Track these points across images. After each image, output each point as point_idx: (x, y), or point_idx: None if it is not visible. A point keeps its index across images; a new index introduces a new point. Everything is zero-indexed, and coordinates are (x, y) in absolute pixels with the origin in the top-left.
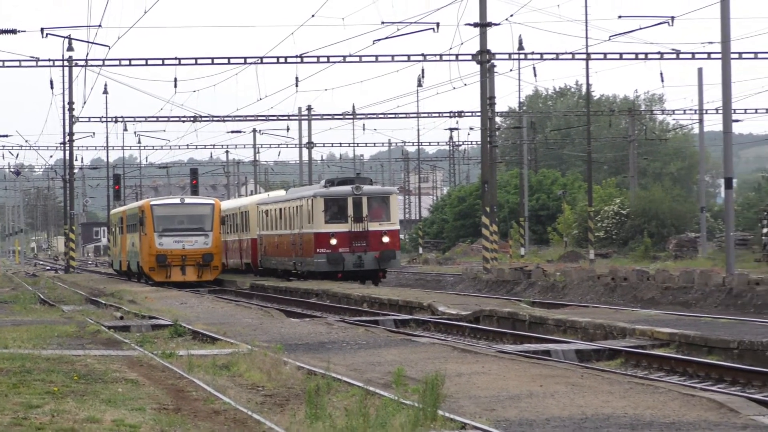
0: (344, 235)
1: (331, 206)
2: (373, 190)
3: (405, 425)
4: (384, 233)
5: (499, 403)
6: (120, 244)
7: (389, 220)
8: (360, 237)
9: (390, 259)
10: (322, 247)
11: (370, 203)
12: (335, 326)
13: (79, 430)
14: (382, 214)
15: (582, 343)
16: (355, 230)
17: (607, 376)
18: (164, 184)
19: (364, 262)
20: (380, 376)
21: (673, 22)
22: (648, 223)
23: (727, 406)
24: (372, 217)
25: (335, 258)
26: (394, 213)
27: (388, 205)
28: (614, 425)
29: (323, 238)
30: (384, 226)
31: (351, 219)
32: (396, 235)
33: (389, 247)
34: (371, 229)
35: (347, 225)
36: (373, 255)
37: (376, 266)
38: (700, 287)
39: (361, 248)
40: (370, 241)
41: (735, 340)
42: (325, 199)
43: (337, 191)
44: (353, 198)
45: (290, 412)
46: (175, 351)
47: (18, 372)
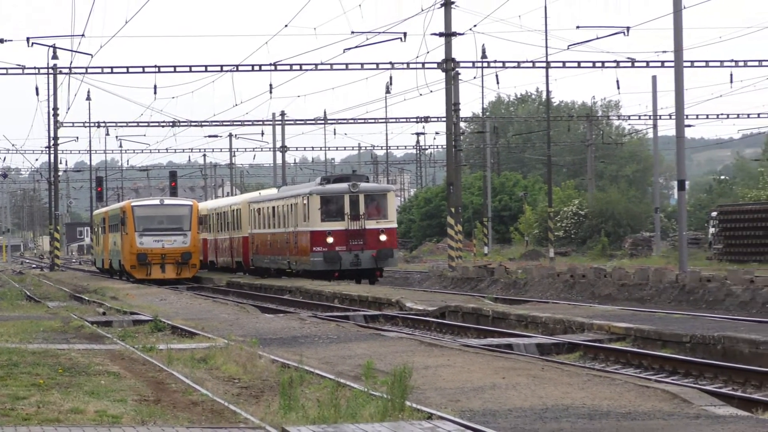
0: (341, 233)
1: (328, 204)
2: (370, 188)
3: (374, 415)
4: (381, 231)
5: (463, 395)
6: (102, 243)
7: (386, 218)
8: (357, 235)
9: (387, 257)
10: (318, 246)
11: (367, 201)
12: (308, 321)
13: (63, 421)
14: (379, 211)
15: (542, 337)
16: (352, 228)
17: (567, 368)
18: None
19: (361, 261)
20: (350, 368)
21: (628, 32)
22: (605, 223)
23: (680, 397)
24: (369, 215)
25: (332, 257)
26: (391, 211)
27: (386, 203)
28: (573, 415)
29: (319, 236)
30: (381, 224)
31: (348, 217)
32: (393, 234)
33: (387, 245)
34: (368, 227)
35: (344, 223)
36: (370, 254)
37: (374, 265)
38: (654, 284)
39: (358, 247)
40: (367, 239)
41: (687, 335)
42: (321, 197)
43: (333, 189)
44: (350, 195)
45: (265, 403)
46: (155, 345)
47: (5, 365)
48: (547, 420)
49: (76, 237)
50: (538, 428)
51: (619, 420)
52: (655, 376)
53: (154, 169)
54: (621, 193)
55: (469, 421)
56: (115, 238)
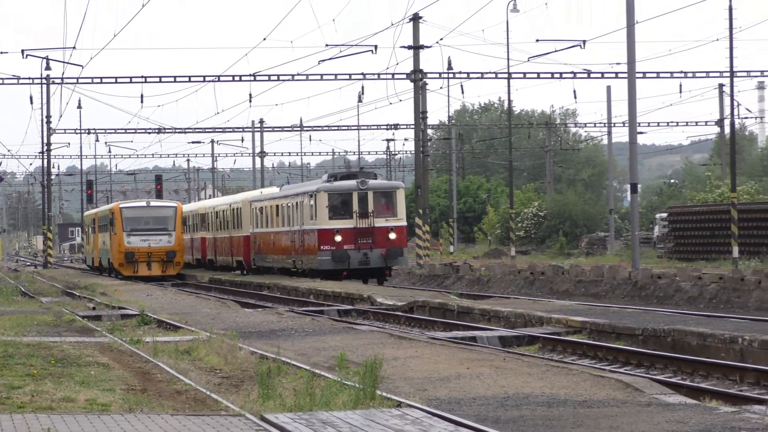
0: (349, 231)
1: (335, 201)
2: (379, 185)
3: (347, 403)
4: (391, 229)
5: (430, 384)
6: (92, 243)
7: (396, 215)
8: (366, 233)
9: (397, 256)
10: (326, 245)
11: (376, 198)
12: (285, 316)
13: (56, 409)
14: (389, 209)
15: (504, 330)
16: (361, 226)
17: (527, 359)
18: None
19: (370, 260)
20: (325, 360)
21: (584, 45)
22: (562, 224)
23: (633, 386)
24: (378, 212)
25: (340, 255)
26: (400, 208)
27: (395, 200)
28: (533, 403)
29: (327, 234)
30: (390, 222)
31: (356, 215)
32: (403, 232)
33: (396, 244)
34: (377, 226)
35: (352, 221)
36: (379, 252)
37: (383, 264)
38: (608, 280)
39: (367, 245)
40: (376, 237)
41: (640, 328)
42: (329, 194)
43: (341, 186)
44: (358, 193)
45: (245, 392)
46: (141, 338)
47: (1, 357)
48: (508, 408)
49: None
50: (500, 415)
51: (576, 408)
52: (609, 367)
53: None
54: (577, 196)
55: (436, 409)
56: (104, 237)
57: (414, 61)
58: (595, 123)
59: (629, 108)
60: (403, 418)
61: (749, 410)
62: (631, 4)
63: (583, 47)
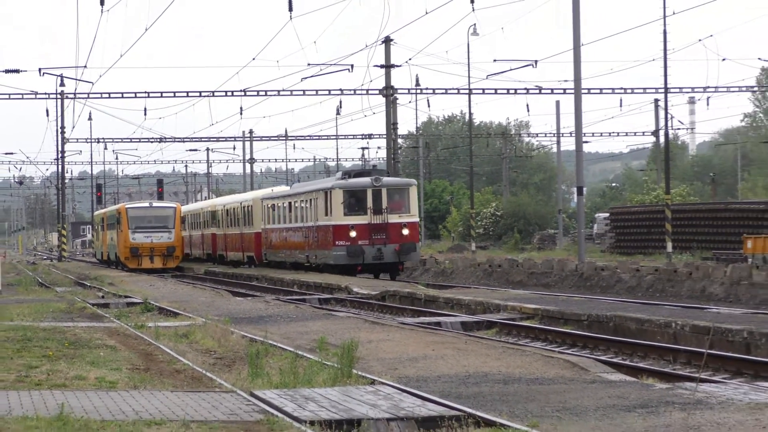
0: (364, 227)
1: (350, 198)
2: (393, 182)
3: (326, 381)
4: (404, 225)
5: (400, 364)
6: (102, 239)
7: (409, 212)
8: (380, 229)
9: (410, 251)
10: (341, 240)
11: (390, 195)
12: (271, 304)
13: (69, 386)
14: (402, 205)
15: (466, 316)
16: (375, 222)
17: (485, 342)
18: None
19: (383, 255)
20: (307, 342)
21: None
22: (517, 222)
23: (579, 366)
24: (391, 209)
25: (355, 250)
26: (413, 205)
27: (408, 197)
28: (491, 381)
29: (342, 230)
30: (404, 218)
31: (370, 211)
32: (416, 228)
33: (409, 239)
34: (391, 221)
35: (367, 217)
36: (393, 247)
37: (396, 259)
38: (558, 272)
39: (381, 240)
40: (389, 233)
41: (585, 314)
42: (344, 191)
43: (356, 183)
44: (372, 190)
45: (236, 371)
46: (145, 323)
47: (21, 340)
48: (469, 384)
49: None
50: (461, 392)
51: (529, 384)
52: (558, 348)
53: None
54: (530, 198)
55: (405, 386)
56: (112, 234)
57: (386, 79)
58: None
59: (575, 120)
60: (376, 394)
61: (681, 387)
62: (577, 28)
63: (535, 66)
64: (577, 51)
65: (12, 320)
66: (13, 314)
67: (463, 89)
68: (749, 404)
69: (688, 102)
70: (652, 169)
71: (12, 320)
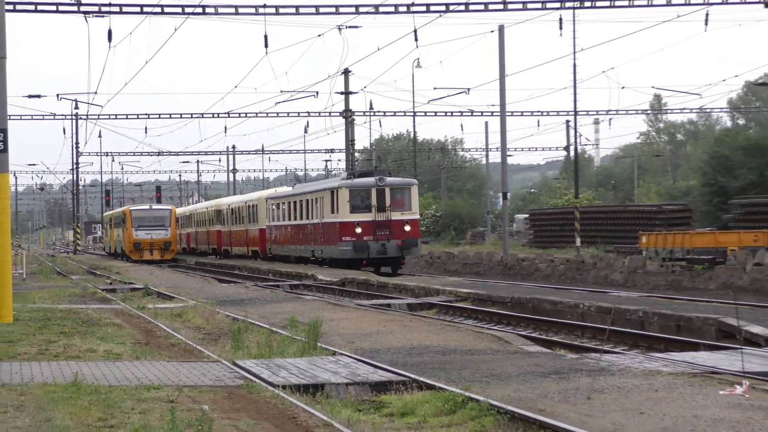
0: (368, 224)
1: (356, 197)
2: (395, 182)
3: (296, 353)
4: (406, 222)
5: (357, 338)
6: (109, 236)
7: (410, 209)
8: (383, 226)
9: (412, 246)
10: (347, 236)
11: (393, 193)
12: (251, 289)
13: (82, 357)
14: (404, 203)
15: (411, 299)
16: (379, 219)
17: (427, 320)
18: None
19: (387, 250)
20: (280, 321)
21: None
22: (453, 221)
23: (504, 339)
24: (394, 206)
25: (361, 246)
26: (414, 203)
27: (409, 196)
28: (431, 352)
29: (348, 227)
30: (405, 216)
31: (374, 209)
32: (416, 224)
33: (411, 235)
34: (394, 219)
35: (371, 214)
36: (395, 243)
37: (399, 254)
38: (486, 263)
39: (385, 236)
40: (393, 229)
41: (509, 297)
42: (350, 190)
43: (361, 182)
44: (377, 189)
45: (221, 344)
46: (145, 305)
47: (41, 319)
48: (413, 355)
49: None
50: (407, 361)
51: (463, 355)
52: (487, 325)
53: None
54: (464, 201)
55: (361, 356)
56: (118, 232)
57: (345, 104)
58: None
59: (501, 137)
60: (337, 363)
61: (588, 357)
62: (502, 62)
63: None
64: (502, 81)
65: (34, 303)
66: (35, 298)
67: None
68: (643, 371)
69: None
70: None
71: (34, 303)
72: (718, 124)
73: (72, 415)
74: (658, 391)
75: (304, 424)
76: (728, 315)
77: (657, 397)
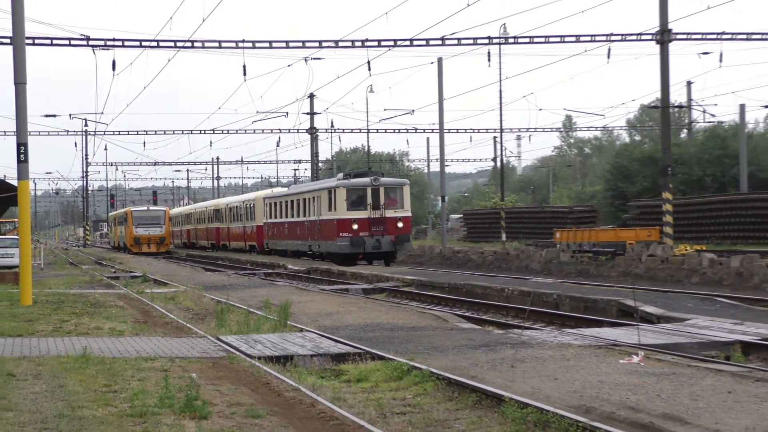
0: (364, 221)
1: (352, 195)
2: (389, 182)
3: (269, 329)
4: (399, 219)
5: (320, 317)
6: (114, 232)
7: (403, 207)
8: (378, 222)
9: (404, 242)
10: (345, 232)
11: (387, 193)
12: (232, 276)
13: (90, 334)
14: (397, 202)
15: (365, 284)
16: (374, 216)
17: (379, 302)
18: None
19: (381, 245)
20: (256, 303)
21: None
22: None
23: (442, 318)
24: (388, 205)
25: (357, 241)
26: (406, 202)
27: (402, 195)
28: (382, 328)
29: (346, 223)
30: (398, 213)
31: (370, 207)
32: (408, 221)
33: (403, 231)
34: (388, 216)
35: (366, 212)
36: (389, 238)
37: (392, 248)
38: (428, 254)
39: (379, 232)
40: (386, 226)
41: (446, 282)
42: (347, 189)
43: (357, 182)
44: (372, 188)
45: (207, 323)
46: (144, 290)
47: (56, 302)
48: (367, 331)
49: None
50: (362, 336)
51: (408, 331)
52: (428, 306)
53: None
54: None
55: (323, 332)
56: (121, 229)
57: (310, 122)
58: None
59: (440, 150)
60: (303, 338)
61: (511, 332)
62: (440, 88)
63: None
64: (440, 104)
65: (50, 288)
66: (51, 284)
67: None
68: (557, 344)
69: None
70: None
71: (50, 288)
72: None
73: (81, 382)
74: (569, 360)
75: (276, 389)
76: (627, 297)
77: (568, 365)
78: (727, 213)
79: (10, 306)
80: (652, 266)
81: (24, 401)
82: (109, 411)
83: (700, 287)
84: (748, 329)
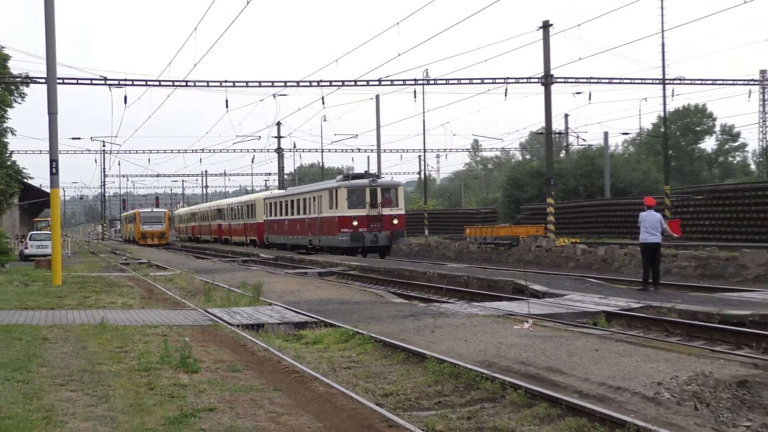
0: (363, 218)
1: (352, 195)
2: (385, 183)
3: (246, 303)
4: (394, 216)
5: (285, 295)
6: (125, 228)
7: (398, 206)
8: (375, 219)
9: (399, 237)
10: (345, 228)
11: (383, 193)
12: (216, 262)
13: (107, 307)
14: (392, 201)
15: (320, 269)
16: (372, 214)
17: (331, 283)
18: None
19: (378, 240)
20: (236, 283)
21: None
22: None
23: (379, 294)
24: (384, 203)
25: (357, 236)
26: (401, 201)
27: (397, 194)
28: (333, 303)
29: (346, 220)
30: (394, 211)
31: (368, 205)
32: (402, 218)
33: (398, 227)
34: (384, 213)
35: (365, 210)
36: (385, 234)
37: (388, 243)
38: None
39: (376, 228)
40: (383, 222)
41: (382, 267)
42: (348, 189)
43: (357, 183)
44: (370, 188)
45: (198, 299)
46: (148, 273)
47: (80, 282)
48: (321, 305)
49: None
50: (318, 308)
51: (353, 305)
52: (368, 286)
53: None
54: None
55: (288, 306)
56: (131, 226)
57: (278, 144)
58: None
59: (378, 166)
60: (272, 310)
61: (432, 305)
62: (378, 117)
63: (356, 137)
64: (378, 130)
65: (75, 272)
66: (76, 268)
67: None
68: (467, 314)
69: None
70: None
71: (75, 272)
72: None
73: (100, 345)
74: (476, 326)
75: (251, 349)
76: (520, 278)
77: (476, 330)
78: (595, 214)
79: (45, 285)
80: (539, 254)
81: (55, 359)
82: (121, 367)
83: (574, 270)
84: (610, 302)
